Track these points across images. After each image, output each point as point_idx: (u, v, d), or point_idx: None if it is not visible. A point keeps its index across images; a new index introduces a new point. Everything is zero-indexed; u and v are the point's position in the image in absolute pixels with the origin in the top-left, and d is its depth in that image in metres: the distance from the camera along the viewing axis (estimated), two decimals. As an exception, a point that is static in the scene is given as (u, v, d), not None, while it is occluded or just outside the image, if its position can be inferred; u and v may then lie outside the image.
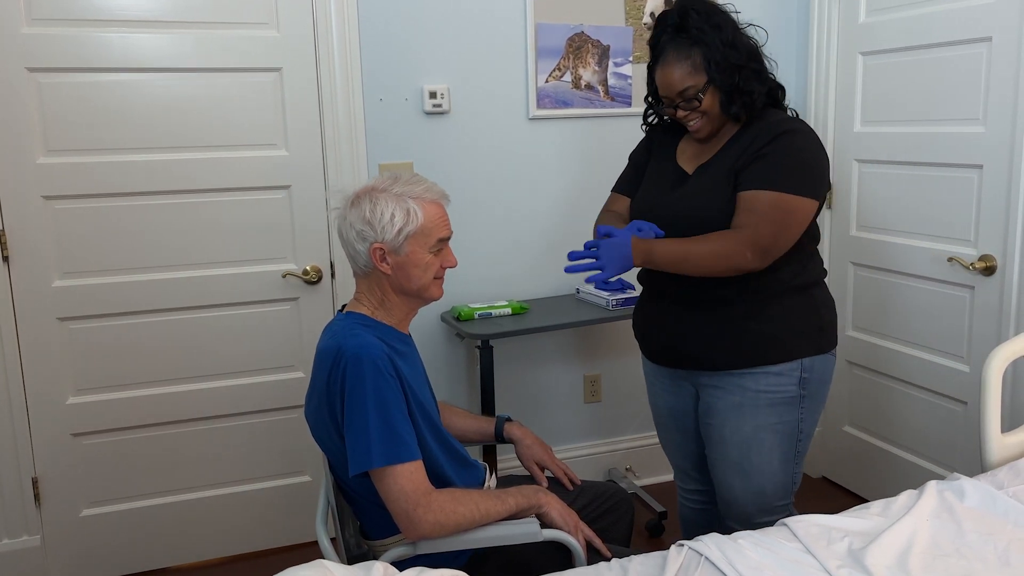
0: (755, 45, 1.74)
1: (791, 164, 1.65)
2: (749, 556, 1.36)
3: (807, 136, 1.69)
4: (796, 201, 1.64)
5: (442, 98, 2.63)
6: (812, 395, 1.78)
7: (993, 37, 2.27)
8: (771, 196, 1.63)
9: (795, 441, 1.79)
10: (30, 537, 2.46)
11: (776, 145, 1.66)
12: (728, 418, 1.77)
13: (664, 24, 1.73)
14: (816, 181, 1.67)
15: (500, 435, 1.87)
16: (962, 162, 2.40)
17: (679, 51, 1.70)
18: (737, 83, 1.69)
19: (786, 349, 1.73)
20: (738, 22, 1.75)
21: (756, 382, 1.74)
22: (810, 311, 1.77)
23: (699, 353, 1.77)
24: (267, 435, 2.64)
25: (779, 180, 1.63)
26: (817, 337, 1.77)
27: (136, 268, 2.43)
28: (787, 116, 1.75)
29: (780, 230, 1.64)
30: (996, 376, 1.69)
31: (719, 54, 1.67)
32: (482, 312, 2.59)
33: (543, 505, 1.56)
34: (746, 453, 1.77)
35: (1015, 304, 2.28)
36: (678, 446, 2.01)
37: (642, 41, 2.81)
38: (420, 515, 1.43)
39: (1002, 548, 1.38)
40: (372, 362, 1.44)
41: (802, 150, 1.67)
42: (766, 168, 1.65)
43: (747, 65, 1.70)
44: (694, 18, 1.69)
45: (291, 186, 2.53)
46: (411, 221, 1.53)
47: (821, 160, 1.69)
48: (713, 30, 1.68)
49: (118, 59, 2.32)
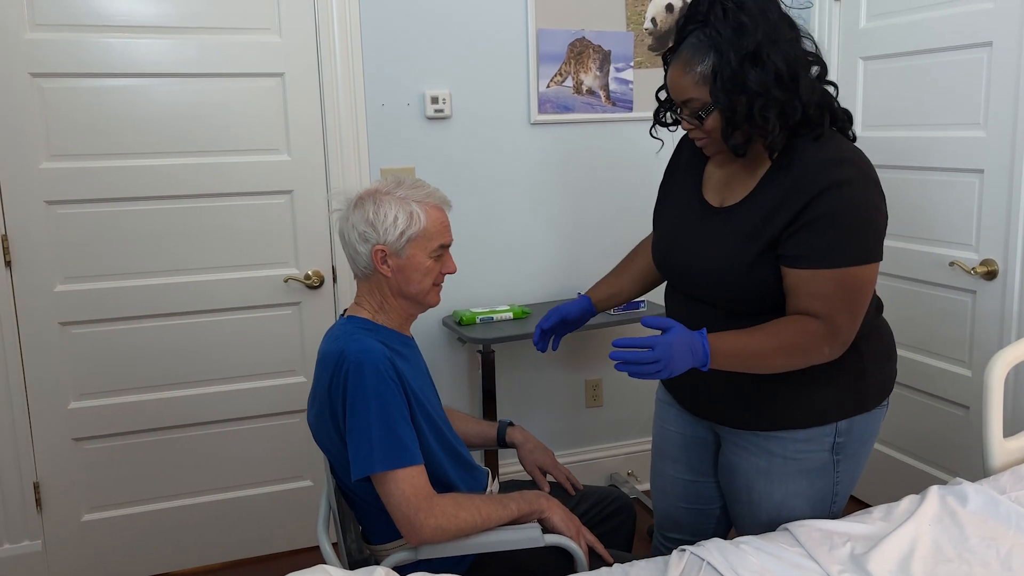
0: (799, 62, 1.37)
1: (848, 230, 1.35)
2: (751, 561, 1.36)
3: (859, 185, 1.37)
4: (862, 272, 1.37)
5: (444, 103, 2.64)
6: (849, 457, 1.53)
7: (994, 42, 2.27)
8: (834, 276, 1.36)
9: (829, 505, 1.56)
10: (31, 542, 2.46)
11: (824, 205, 1.35)
12: (754, 483, 1.55)
13: (694, 11, 1.43)
14: (878, 238, 1.39)
15: (502, 439, 1.86)
16: (963, 167, 2.40)
17: (695, 53, 1.40)
18: (747, 111, 1.36)
19: (816, 411, 1.49)
20: (782, 25, 1.38)
21: (782, 447, 1.51)
22: (853, 368, 1.48)
23: (717, 402, 1.56)
24: (269, 440, 2.64)
25: (839, 255, 1.35)
26: (860, 396, 1.51)
27: (138, 273, 2.43)
28: (834, 151, 1.39)
29: (855, 310, 1.39)
30: (998, 381, 1.69)
31: (730, 69, 1.35)
32: (484, 316, 2.59)
33: (545, 511, 1.55)
34: (776, 518, 1.55)
35: (1017, 309, 2.28)
36: (682, 485, 1.74)
37: (643, 46, 2.82)
38: (422, 520, 1.43)
39: (1004, 553, 1.38)
40: (374, 366, 1.44)
41: (857, 207, 1.36)
42: (819, 240, 1.36)
43: (768, 92, 1.34)
44: (718, 13, 1.37)
45: (293, 191, 2.53)
46: (413, 224, 1.53)
47: (879, 210, 1.39)
48: (735, 34, 1.34)
49: (121, 64, 2.32)
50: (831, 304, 1.37)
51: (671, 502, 1.77)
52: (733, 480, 1.61)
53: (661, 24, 2.82)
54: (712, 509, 1.76)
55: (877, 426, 1.57)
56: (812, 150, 1.39)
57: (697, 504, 1.75)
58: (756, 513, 1.58)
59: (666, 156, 1.76)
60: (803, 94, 1.37)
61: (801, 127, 1.40)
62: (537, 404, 2.93)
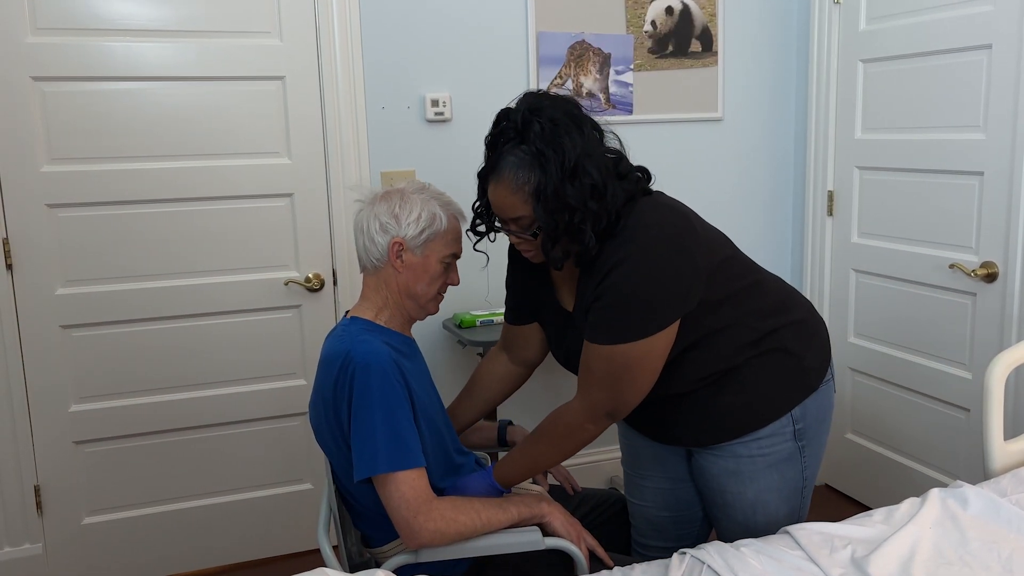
0: (608, 170, 1.41)
1: (620, 308, 1.39)
2: (751, 564, 1.36)
3: (630, 263, 1.38)
4: (631, 350, 1.40)
5: (444, 106, 2.64)
6: (812, 440, 1.59)
7: (993, 44, 2.27)
8: (602, 352, 1.41)
9: (800, 490, 1.61)
10: (32, 545, 2.46)
11: (606, 284, 1.39)
12: (727, 484, 1.59)
13: (506, 123, 1.42)
14: (646, 316, 1.39)
15: (502, 439, 1.87)
16: (963, 169, 2.40)
17: (518, 170, 1.39)
18: (567, 226, 1.38)
19: (768, 409, 1.54)
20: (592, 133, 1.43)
21: (747, 448, 1.55)
22: (786, 360, 1.54)
23: (673, 429, 1.61)
24: (269, 443, 2.64)
25: (606, 331, 1.40)
26: (802, 380, 1.56)
27: (139, 276, 2.44)
28: (631, 230, 1.40)
29: (619, 387, 1.44)
30: (998, 383, 1.69)
31: (552, 187, 1.36)
32: (484, 319, 2.59)
33: (546, 515, 1.55)
34: (751, 516, 1.59)
35: (1017, 311, 2.28)
36: (661, 495, 1.74)
37: (643, 49, 2.82)
38: (421, 523, 1.43)
39: (1006, 556, 1.38)
40: (380, 368, 1.44)
41: (633, 285, 1.38)
42: (596, 315, 1.42)
43: (585, 205, 1.36)
44: (536, 129, 1.37)
45: (293, 194, 2.53)
46: (435, 225, 1.56)
47: (661, 285, 1.39)
48: (555, 151, 1.36)
49: (122, 68, 2.33)
50: (591, 377, 1.46)
51: (652, 512, 1.77)
52: (706, 484, 1.64)
53: (661, 26, 2.83)
54: (694, 513, 1.76)
55: (829, 404, 1.62)
56: (617, 231, 1.42)
57: (678, 510, 1.75)
58: (731, 514, 1.61)
59: (668, 156, 1.75)
60: (609, 202, 1.40)
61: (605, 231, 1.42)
62: (537, 406, 2.93)
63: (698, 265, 1.43)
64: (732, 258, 1.53)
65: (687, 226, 1.44)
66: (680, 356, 1.50)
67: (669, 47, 2.85)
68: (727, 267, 1.51)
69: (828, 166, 2.89)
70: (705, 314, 1.47)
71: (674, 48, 2.86)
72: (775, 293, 1.58)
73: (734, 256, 1.54)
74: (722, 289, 1.48)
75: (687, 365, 1.51)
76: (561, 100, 1.44)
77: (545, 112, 1.39)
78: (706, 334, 1.49)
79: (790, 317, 1.57)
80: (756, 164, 3.05)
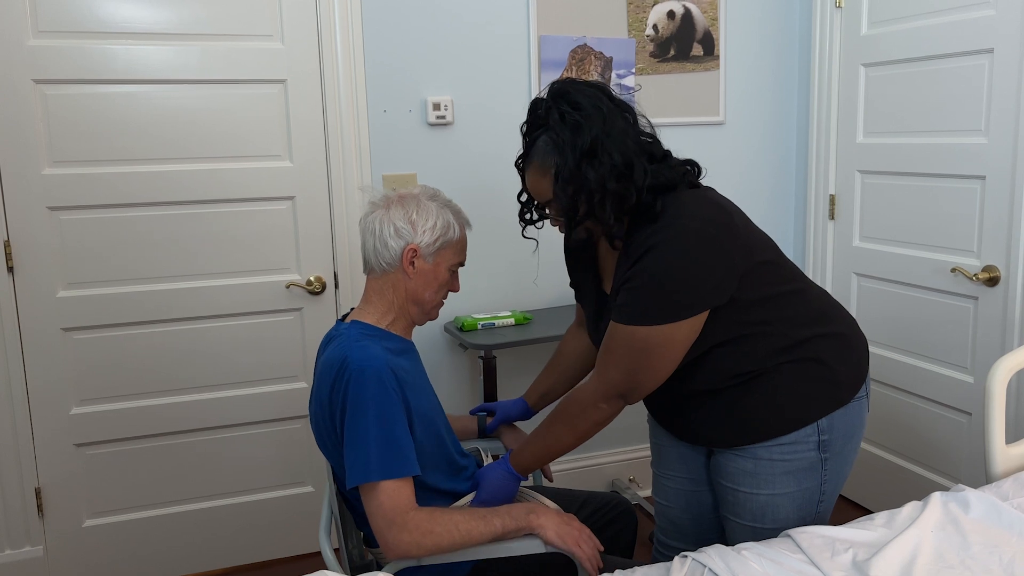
0: (632, 150, 1.42)
1: (648, 290, 1.41)
2: (753, 567, 1.36)
3: (664, 247, 1.39)
4: (653, 334, 1.41)
5: (445, 110, 2.64)
6: (836, 454, 1.56)
7: (995, 49, 2.27)
8: (624, 332, 1.44)
9: (815, 504, 1.59)
10: (33, 548, 2.46)
11: (638, 267, 1.41)
12: (741, 483, 1.58)
13: (535, 117, 1.48)
14: (678, 303, 1.41)
15: (484, 431, 1.91)
16: (965, 173, 2.40)
17: (544, 156, 1.44)
18: (587, 207, 1.42)
19: (794, 416, 1.53)
20: (616, 116, 1.43)
21: (769, 452, 1.54)
22: (819, 370, 1.53)
23: (699, 429, 1.62)
24: (270, 445, 2.64)
25: (630, 311, 1.42)
26: (833, 392, 1.54)
27: (140, 279, 2.44)
28: (671, 218, 1.42)
29: (636, 368, 1.45)
30: (1000, 387, 1.69)
31: (568, 169, 1.40)
32: (485, 323, 2.59)
33: (535, 528, 1.49)
34: (759, 517, 1.59)
35: (1019, 315, 2.28)
36: (684, 496, 1.76)
37: (645, 52, 2.83)
38: (395, 534, 1.41)
39: (1007, 560, 1.38)
40: (376, 375, 1.44)
41: (662, 270, 1.40)
42: (624, 296, 1.44)
43: (604, 186, 1.40)
44: (556, 117, 1.42)
45: (295, 197, 2.54)
46: (449, 233, 1.59)
47: (691, 274, 1.40)
48: (573, 134, 1.40)
49: (123, 71, 2.33)
50: (610, 357, 1.47)
51: (675, 513, 1.79)
52: (720, 481, 1.64)
53: (663, 31, 2.83)
54: (715, 516, 1.76)
55: (860, 421, 1.59)
56: (657, 217, 1.43)
57: (699, 512, 1.76)
58: (740, 513, 1.60)
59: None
60: (637, 181, 1.41)
61: (636, 213, 1.44)
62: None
63: (733, 262, 1.43)
64: (774, 263, 1.52)
65: (727, 222, 1.43)
66: (709, 352, 1.50)
67: (671, 51, 2.86)
68: (766, 270, 1.50)
69: (829, 170, 2.89)
70: (737, 313, 1.47)
71: (676, 52, 2.87)
72: (816, 304, 1.57)
73: (777, 262, 1.53)
74: (757, 291, 1.48)
75: (716, 362, 1.51)
76: (587, 85, 1.46)
77: (568, 97, 1.43)
78: (737, 333, 1.49)
79: (829, 329, 1.56)
80: (758, 168, 3.05)
